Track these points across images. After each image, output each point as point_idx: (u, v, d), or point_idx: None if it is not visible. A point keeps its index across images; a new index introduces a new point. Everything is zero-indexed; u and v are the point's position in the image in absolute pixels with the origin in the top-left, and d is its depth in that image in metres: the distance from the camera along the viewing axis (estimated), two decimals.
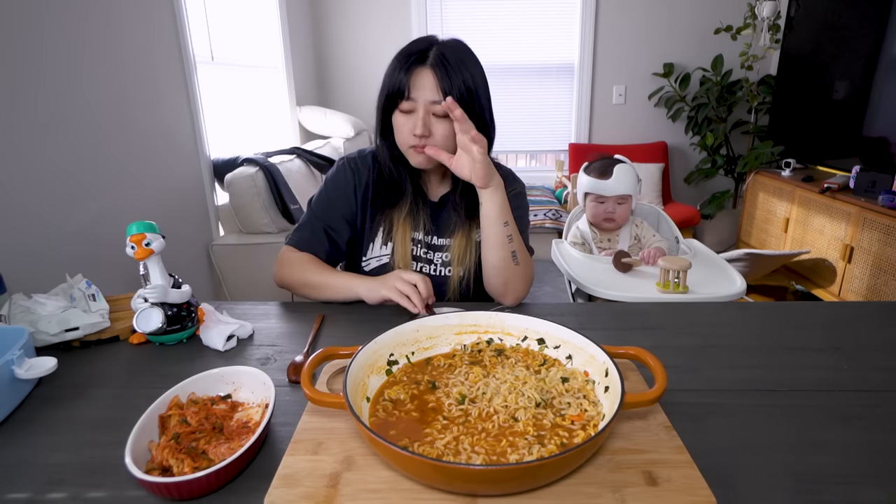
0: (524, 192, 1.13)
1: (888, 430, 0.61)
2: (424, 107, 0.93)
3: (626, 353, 0.65)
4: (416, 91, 0.92)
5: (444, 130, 0.94)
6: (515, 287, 1.01)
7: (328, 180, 1.09)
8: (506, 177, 1.10)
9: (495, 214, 0.95)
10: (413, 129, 0.94)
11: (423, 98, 0.92)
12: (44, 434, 0.62)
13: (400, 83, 0.93)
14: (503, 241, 0.97)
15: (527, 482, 0.50)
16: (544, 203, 3.35)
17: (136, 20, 1.81)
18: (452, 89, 0.92)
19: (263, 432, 0.56)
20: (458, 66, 0.93)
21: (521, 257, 1.00)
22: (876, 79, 2.53)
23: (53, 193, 1.46)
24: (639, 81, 3.70)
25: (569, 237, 1.73)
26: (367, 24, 3.65)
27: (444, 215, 1.07)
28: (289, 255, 1.07)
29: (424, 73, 0.92)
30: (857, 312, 0.97)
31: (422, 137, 0.94)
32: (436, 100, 0.92)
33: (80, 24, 1.56)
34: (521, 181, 1.14)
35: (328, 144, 3.13)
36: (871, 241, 2.36)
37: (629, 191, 1.59)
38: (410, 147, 0.97)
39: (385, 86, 0.96)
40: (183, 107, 2.10)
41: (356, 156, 1.10)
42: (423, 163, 0.98)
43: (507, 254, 0.98)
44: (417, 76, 0.92)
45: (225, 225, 2.40)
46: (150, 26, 1.89)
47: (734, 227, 3.59)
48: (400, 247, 1.04)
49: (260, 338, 0.87)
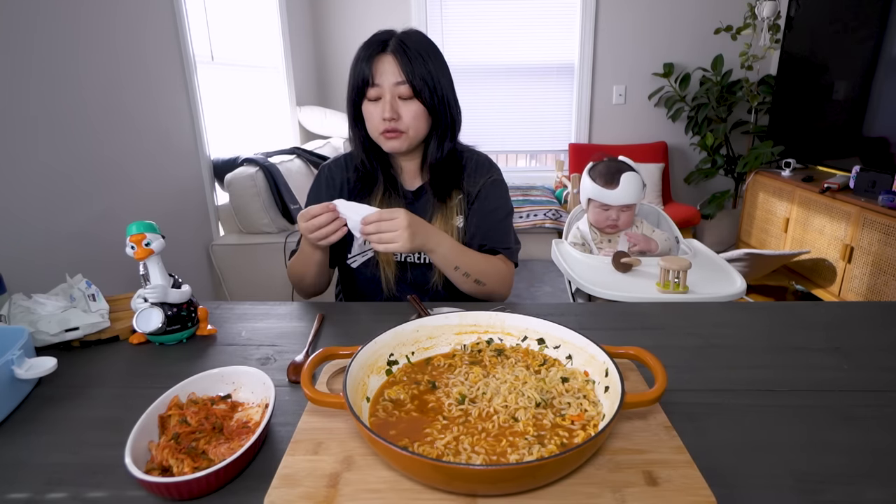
0: (501, 178, 1.15)
1: (889, 430, 0.61)
2: (390, 90, 0.97)
3: (626, 353, 0.65)
4: (380, 77, 0.97)
5: (411, 112, 0.99)
6: (494, 295, 1.07)
7: (310, 191, 1.14)
8: (481, 164, 1.14)
9: (443, 265, 1.00)
10: (382, 114, 0.98)
11: (388, 82, 0.97)
12: (43, 434, 0.62)
13: (363, 73, 0.98)
14: (461, 280, 1.02)
15: (527, 482, 0.50)
16: (544, 203, 3.35)
17: (136, 20, 1.81)
18: (413, 71, 0.96)
19: (263, 432, 0.56)
20: (417, 51, 0.98)
21: (489, 275, 1.04)
22: (876, 79, 2.53)
23: (53, 193, 1.46)
24: (639, 81, 3.70)
25: (569, 237, 1.73)
26: (367, 24, 3.65)
27: (422, 205, 1.09)
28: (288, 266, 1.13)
29: (386, 60, 0.97)
30: (857, 312, 0.97)
31: (391, 121, 0.98)
32: (399, 80, 0.97)
33: (80, 24, 1.56)
34: (497, 167, 1.15)
35: (328, 144, 3.13)
36: (871, 241, 2.36)
37: (634, 200, 1.57)
38: (381, 133, 1.01)
39: (351, 77, 1.01)
40: (183, 107, 2.10)
41: (331, 162, 1.15)
42: (395, 147, 1.02)
43: (471, 286, 1.03)
44: (380, 63, 0.97)
45: (225, 225, 2.40)
46: (150, 26, 1.89)
47: (734, 227, 3.59)
48: None
49: (260, 338, 0.87)
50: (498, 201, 1.11)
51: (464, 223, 1.09)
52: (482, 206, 1.10)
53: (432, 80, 0.99)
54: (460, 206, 1.09)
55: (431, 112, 1.01)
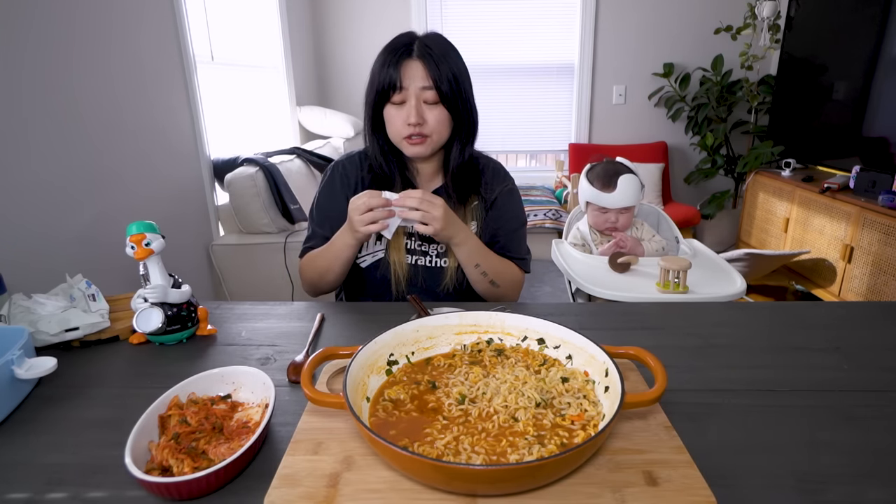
0: (515, 188, 1.16)
1: (889, 430, 0.61)
2: (416, 95, 0.96)
3: (626, 353, 0.65)
4: (407, 81, 0.96)
5: (436, 117, 0.98)
6: (505, 298, 1.09)
7: (322, 188, 1.13)
8: (497, 172, 1.14)
9: (465, 261, 1.02)
10: (406, 118, 0.97)
11: (414, 87, 0.96)
12: (43, 434, 0.62)
13: (390, 77, 0.96)
14: (479, 278, 1.04)
15: (527, 482, 0.50)
16: (544, 203, 3.35)
17: (136, 20, 1.81)
18: (441, 75, 0.96)
19: (263, 432, 0.56)
20: (442, 55, 0.97)
21: (504, 278, 1.07)
22: (876, 79, 2.53)
23: (53, 194, 1.46)
24: (639, 81, 3.70)
25: (569, 238, 1.73)
26: (367, 24, 3.66)
27: None
28: (302, 264, 1.12)
29: (413, 64, 0.96)
30: (857, 312, 0.97)
31: (416, 126, 0.97)
32: (426, 85, 0.96)
33: (81, 24, 1.56)
34: (511, 177, 1.16)
35: (328, 144, 3.13)
36: (871, 241, 2.36)
37: (632, 203, 1.57)
38: (404, 138, 1.00)
39: (375, 82, 0.99)
40: (183, 107, 2.10)
41: (344, 159, 1.13)
42: (418, 153, 1.02)
43: (486, 287, 1.05)
44: (407, 68, 0.96)
45: (225, 225, 2.40)
46: (150, 26, 1.89)
47: (734, 227, 3.59)
48: (394, 240, 1.06)
49: (260, 338, 0.87)
50: (513, 211, 1.12)
51: (478, 228, 1.09)
52: (498, 215, 1.10)
53: (458, 84, 0.98)
54: (476, 211, 1.09)
55: (455, 117, 1.01)
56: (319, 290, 1.11)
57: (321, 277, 1.07)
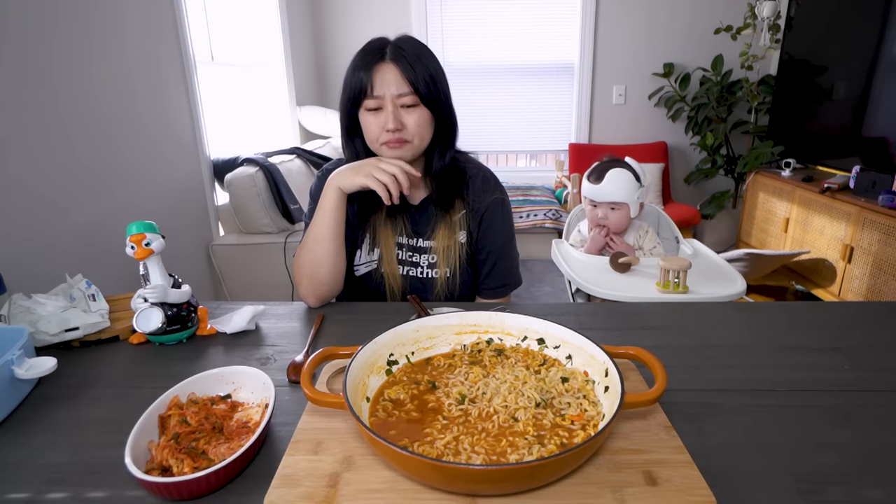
0: (507, 198, 1.11)
1: (888, 430, 0.61)
2: (392, 101, 0.94)
3: (626, 353, 0.65)
4: (381, 87, 0.93)
5: (416, 120, 0.96)
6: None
7: (313, 194, 1.10)
8: (487, 181, 1.10)
9: None
10: (384, 125, 0.94)
11: (390, 92, 0.93)
12: (43, 434, 0.62)
13: (362, 82, 0.94)
14: None
15: (527, 482, 0.50)
16: (544, 203, 3.35)
17: (136, 20, 1.81)
18: (417, 77, 0.93)
19: (263, 432, 0.56)
20: (416, 56, 0.94)
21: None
22: (876, 79, 2.53)
23: (53, 193, 1.46)
24: (639, 81, 3.70)
25: (570, 239, 1.73)
26: (367, 24, 3.65)
27: (425, 218, 1.07)
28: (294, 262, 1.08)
29: (387, 68, 0.93)
30: (857, 312, 0.97)
31: (395, 131, 0.94)
32: (402, 91, 0.93)
33: (80, 23, 1.56)
34: (502, 186, 1.12)
35: (328, 144, 3.13)
36: (871, 241, 2.36)
37: (621, 198, 1.52)
38: (383, 144, 0.97)
39: (347, 87, 0.97)
40: (183, 107, 2.10)
41: (333, 164, 1.11)
42: (399, 157, 0.98)
43: None
44: (379, 72, 0.93)
45: (225, 225, 2.40)
46: (150, 26, 1.89)
47: (734, 227, 3.59)
48: (385, 251, 1.05)
49: (260, 338, 0.87)
50: (505, 223, 1.10)
51: (466, 238, 1.07)
52: (492, 227, 1.08)
53: (436, 85, 0.96)
54: (464, 220, 1.07)
55: (437, 117, 0.98)
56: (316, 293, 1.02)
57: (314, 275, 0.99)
